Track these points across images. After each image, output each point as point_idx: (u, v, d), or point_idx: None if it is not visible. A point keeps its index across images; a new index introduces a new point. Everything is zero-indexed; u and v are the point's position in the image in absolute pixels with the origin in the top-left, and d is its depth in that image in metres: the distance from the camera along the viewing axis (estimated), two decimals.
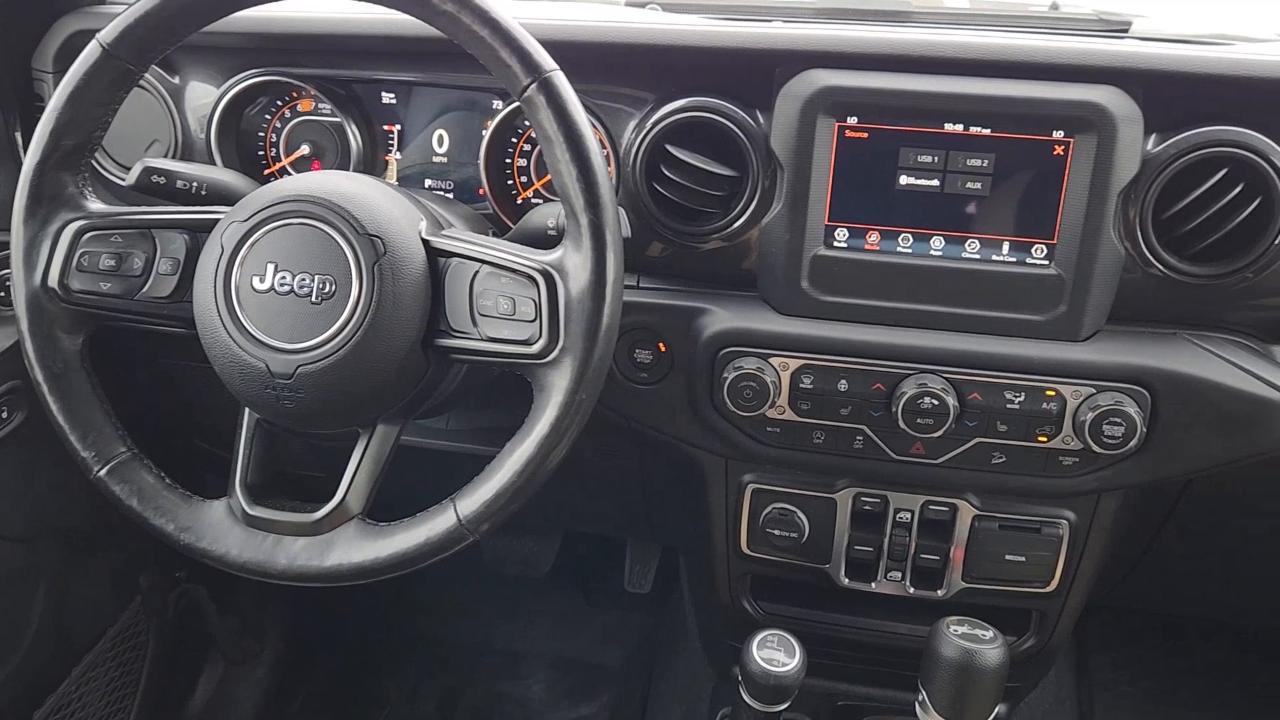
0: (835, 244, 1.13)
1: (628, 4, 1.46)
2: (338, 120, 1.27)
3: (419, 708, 2.08)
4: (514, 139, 1.25)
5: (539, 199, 1.26)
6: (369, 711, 2.09)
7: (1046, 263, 1.09)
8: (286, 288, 0.92)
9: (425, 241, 0.95)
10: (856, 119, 1.09)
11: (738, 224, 1.14)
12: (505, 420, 0.99)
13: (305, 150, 1.31)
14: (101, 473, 1.01)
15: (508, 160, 1.26)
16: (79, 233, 1.00)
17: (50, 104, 0.97)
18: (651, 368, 1.20)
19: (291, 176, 1.03)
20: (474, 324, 0.94)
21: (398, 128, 1.29)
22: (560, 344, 0.90)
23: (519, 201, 1.27)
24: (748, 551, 1.31)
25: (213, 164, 1.28)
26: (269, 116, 1.32)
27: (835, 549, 1.27)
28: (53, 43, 1.31)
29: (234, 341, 0.93)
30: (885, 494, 1.24)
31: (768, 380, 1.14)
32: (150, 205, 1.04)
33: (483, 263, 0.93)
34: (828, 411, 1.16)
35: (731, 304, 1.17)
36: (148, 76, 1.26)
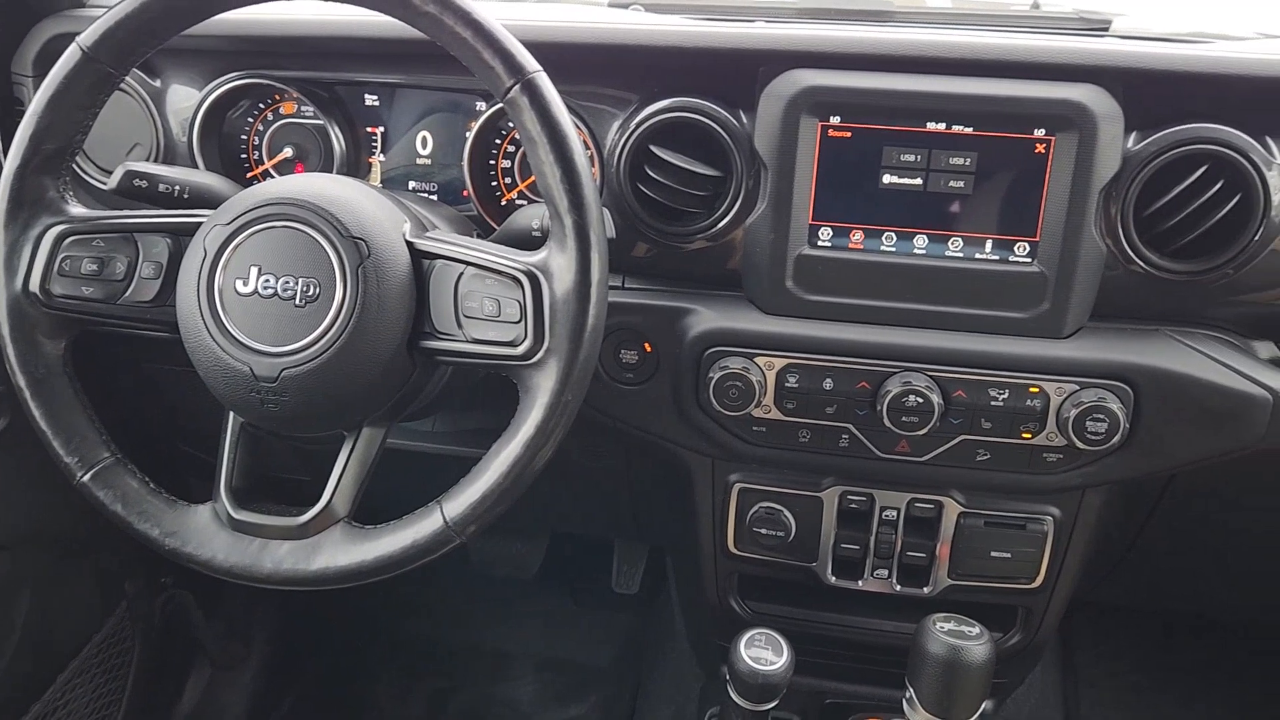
0: (819, 243, 1.13)
1: (610, 4, 1.46)
2: (321, 123, 1.27)
3: (408, 710, 2.08)
4: (498, 140, 1.25)
5: (523, 200, 1.26)
6: (358, 715, 2.08)
7: (1029, 260, 1.10)
8: (270, 291, 0.92)
9: (409, 244, 0.95)
10: (840, 118, 1.09)
11: (722, 224, 1.14)
12: (491, 422, 0.98)
13: (288, 153, 1.30)
14: (85, 478, 1.00)
15: (492, 162, 1.26)
16: (60, 237, 0.99)
17: (30, 108, 0.96)
18: (637, 368, 1.20)
19: (274, 179, 1.03)
20: (459, 326, 0.94)
21: (381, 130, 1.29)
22: (545, 345, 0.90)
23: (503, 203, 1.27)
24: (735, 551, 1.31)
25: (195, 167, 1.28)
26: (251, 119, 1.31)
27: (822, 547, 1.27)
28: (32, 46, 1.30)
29: (218, 345, 0.93)
30: (871, 492, 1.24)
31: (753, 380, 1.14)
32: (132, 209, 1.03)
33: (467, 264, 0.93)
34: (813, 410, 1.17)
35: (716, 304, 1.18)
36: (129, 80, 1.25)
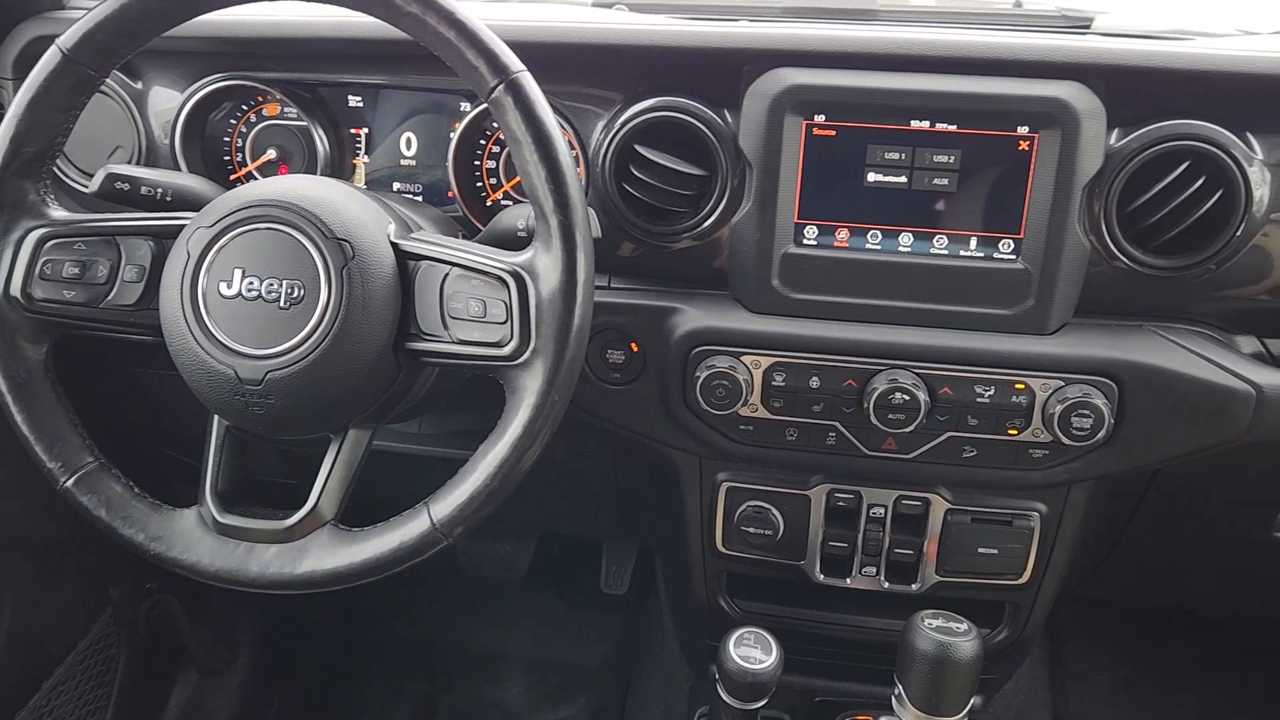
0: (805, 241, 1.13)
1: (594, 4, 1.46)
2: (304, 124, 1.26)
3: (397, 713, 2.07)
4: (482, 141, 1.25)
5: (509, 201, 1.26)
6: (347, 718, 2.08)
7: (1014, 257, 1.10)
8: (254, 293, 0.91)
9: (394, 245, 0.94)
10: (824, 117, 1.09)
11: (707, 223, 1.14)
12: (478, 423, 0.98)
13: (272, 155, 1.30)
14: (69, 483, 0.99)
15: (476, 162, 1.26)
16: (41, 240, 0.98)
17: (9, 110, 0.96)
18: (624, 368, 1.20)
19: (258, 181, 1.02)
20: (445, 327, 0.93)
21: (365, 131, 1.28)
22: (532, 345, 0.90)
23: (488, 203, 1.27)
24: (723, 550, 1.31)
25: (178, 170, 1.27)
26: (234, 121, 1.31)
27: (810, 545, 1.27)
28: (12, 48, 1.29)
29: (202, 348, 0.92)
30: (858, 490, 1.24)
31: (740, 378, 1.14)
32: (114, 212, 1.03)
33: (453, 265, 0.93)
34: (800, 409, 1.17)
35: (703, 303, 1.18)
36: (109, 82, 1.24)
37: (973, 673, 1.08)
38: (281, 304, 0.91)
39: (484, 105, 0.91)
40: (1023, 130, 1.06)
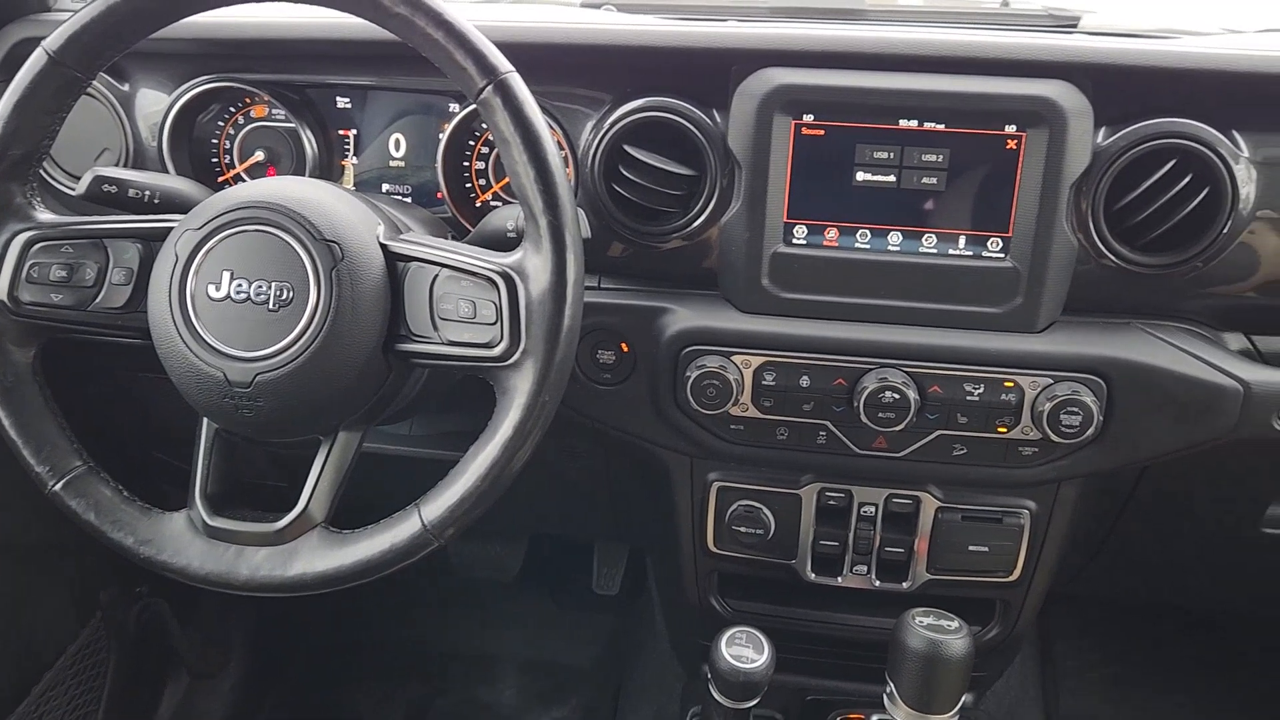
0: (794, 241, 1.13)
1: (583, 4, 1.46)
2: (292, 126, 1.26)
3: (389, 716, 2.07)
4: (471, 142, 1.25)
5: (498, 202, 1.26)
6: None
7: (1002, 256, 1.10)
8: (243, 295, 0.91)
9: (383, 246, 0.94)
10: (813, 116, 1.09)
11: (697, 223, 1.15)
12: (468, 424, 0.98)
13: (260, 157, 1.30)
14: (57, 487, 0.99)
15: (465, 163, 1.25)
16: (28, 243, 0.98)
17: None
18: (614, 368, 1.20)
19: (246, 183, 1.02)
20: (435, 328, 0.93)
21: (353, 132, 1.28)
22: (522, 346, 0.90)
23: (478, 204, 1.27)
24: (714, 549, 1.31)
25: (165, 172, 1.26)
26: (222, 123, 1.30)
27: (801, 544, 1.28)
28: None
29: (190, 351, 0.92)
30: (849, 488, 1.25)
31: (730, 378, 1.14)
32: (101, 215, 1.02)
33: (442, 266, 0.93)
34: (790, 408, 1.17)
35: (693, 303, 1.18)
36: (96, 84, 1.24)
37: (964, 670, 1.08)
38: (270, 306, 0.91)
39: (472, 106, 0.91)
40: (1010, 129, 1.07)
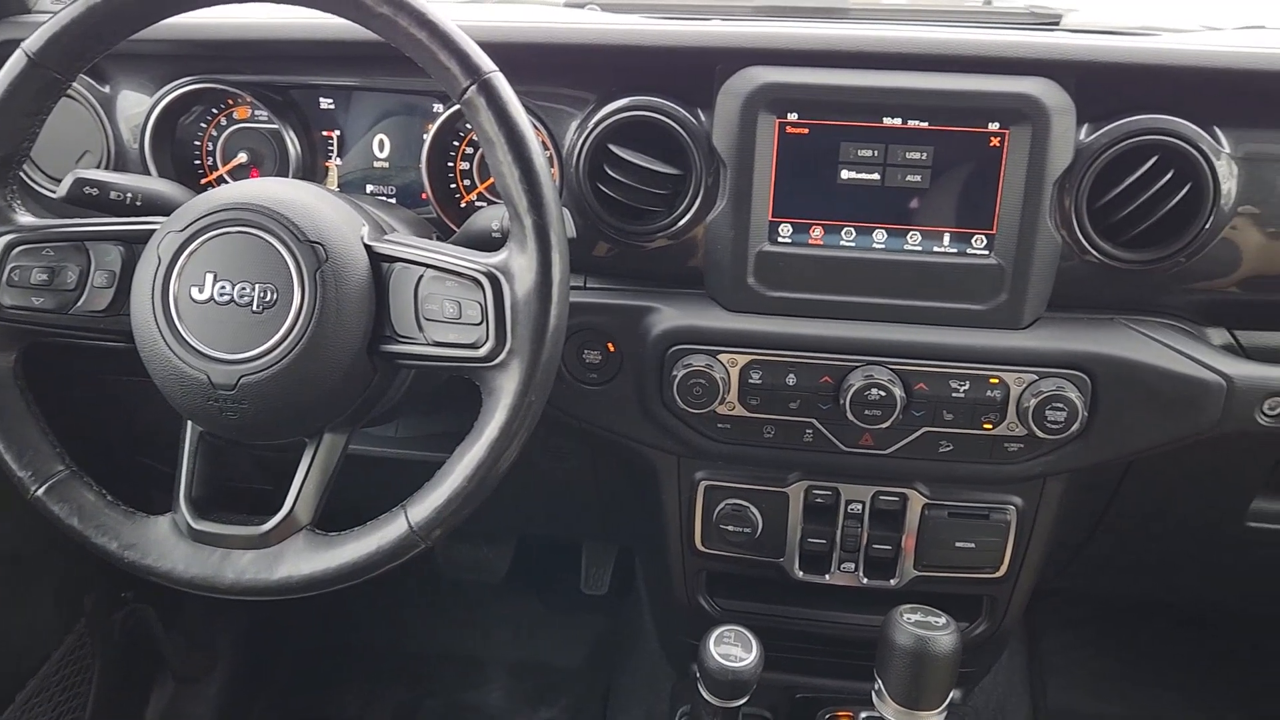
0: (779, 239, 1.13)
1: (566, 4, 1.46)
2: (275, 127, 1.26)
3: (376, 719, 2.06)
4: (456, 142, 1.24)
5: (483, 202, 1.26)
6: None
7: (986, 253, 1.11)
8: (226, 297, 0.91)
9: (368, 247, 0.94)
10: (797, 115, 1.09)
11: (682, 222, 1.15)
12: (454, 425, 0.98)
13: (243, 158, 1.29)
14: (39, 492, 0.98)
15: (450, 164, 1.25)
16: (8, 247, 0.97)
17: None
18: (601, 368, 1.20)
19: (229, 185, 1.02)
20: (420, 329, 0.93)
21: (337, 133, 1.28)
22: (508, 346, 0.90)
23: (462, 205, 1.26)
24: (702, 548, 1.31)
25: (147, 174, 1.26)
26: (204, 125, 1.29)
27: (789, 543, 1.28)
28: None
29: (174, 353, 0.91)
30: (836, 486, 1.25)
31: (717, 377, 1.14)
32: (83, 217, 1.02)
33: (427, 267, 0.93)
34: (777, 406, 1.17)
35: (679, 302, 1.18)
36: (76, 86, 1.23)
37: (952, 666, 1.09)
38: (254, 308, 0.90)
39: (456, 106, 0.91)
40: (994, 126, 1.07)
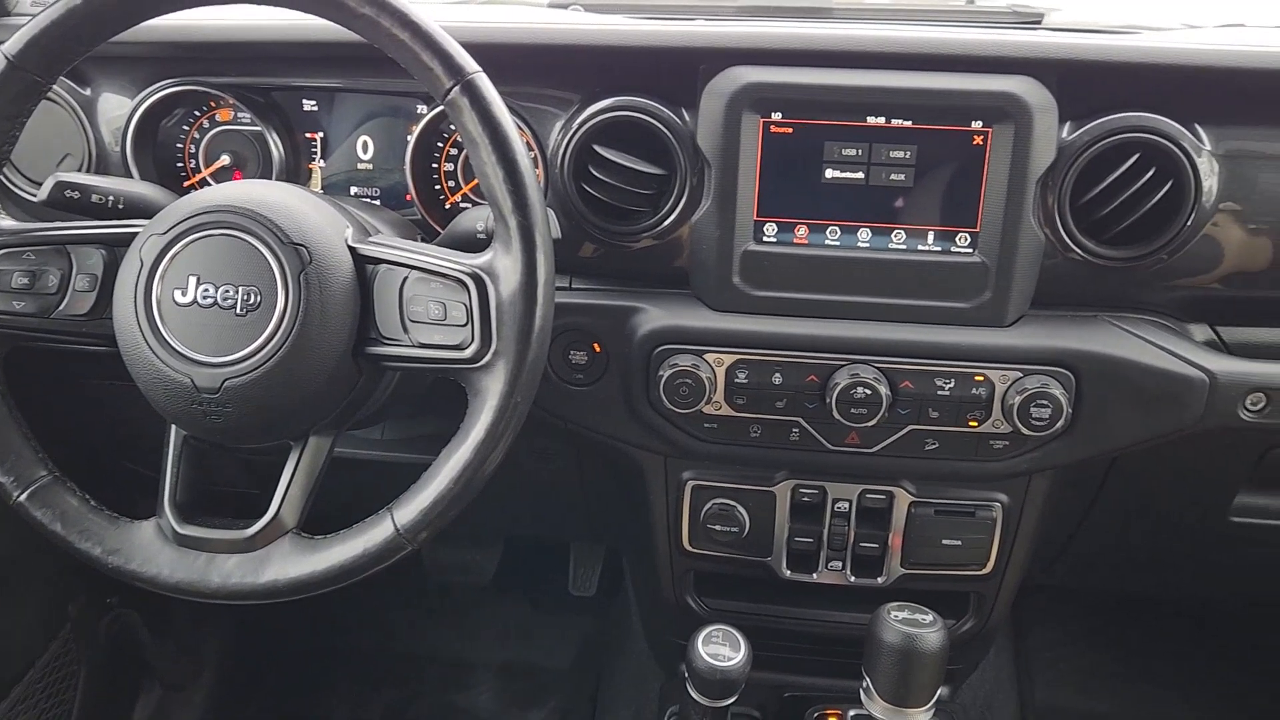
0: (764, 239, 1.14)
1: (550, 5, 1.46)
2: (258, 129, 1.25)
3: None
4: (440, 143, 1.24)
5: (467, 203, 1.25)
6: None
7: (970, 251, 1.11)
8: (210, 300, 0.90)
9: (352, 249, 0.94)
10: (781, 114, 1.10)
11: (667, 222, 1.15)
12: (440, 427, 0.97)
13: (226, 160, 1.28)
14: (21, 498, 0.98)
15: (434, 165, 1.25)
16: None
17: None
18: (587, 368, 1.20)
19: (212, 187, 1.01)
20: (405, 331, 0.93)
21: (320, 135, 1.27)
22: (493, 348, 0.90)
23: (447, 206, 1.26)
24: (690, 548, 1.31)
25: (129, 177, 1.25)
26: (187, 127, 1.29)
27: (776, 542, 1.28)
28: None
29: (157, 357, 0.91)
30: (823, 485, 1.25)
31: (703, 376, 1.14)
32: (64, 221, 1.01)
33: (411, 268, 0.92)
34: (763, 405, 1.17)
35: (665, 302, 1.18)
36: (57, 89, 1.22)
37: (939, 663, 1.09)
38: (238, 310, 0.90)
39: (440, 107, 0.90)
40: (977, 125, 1.08)
